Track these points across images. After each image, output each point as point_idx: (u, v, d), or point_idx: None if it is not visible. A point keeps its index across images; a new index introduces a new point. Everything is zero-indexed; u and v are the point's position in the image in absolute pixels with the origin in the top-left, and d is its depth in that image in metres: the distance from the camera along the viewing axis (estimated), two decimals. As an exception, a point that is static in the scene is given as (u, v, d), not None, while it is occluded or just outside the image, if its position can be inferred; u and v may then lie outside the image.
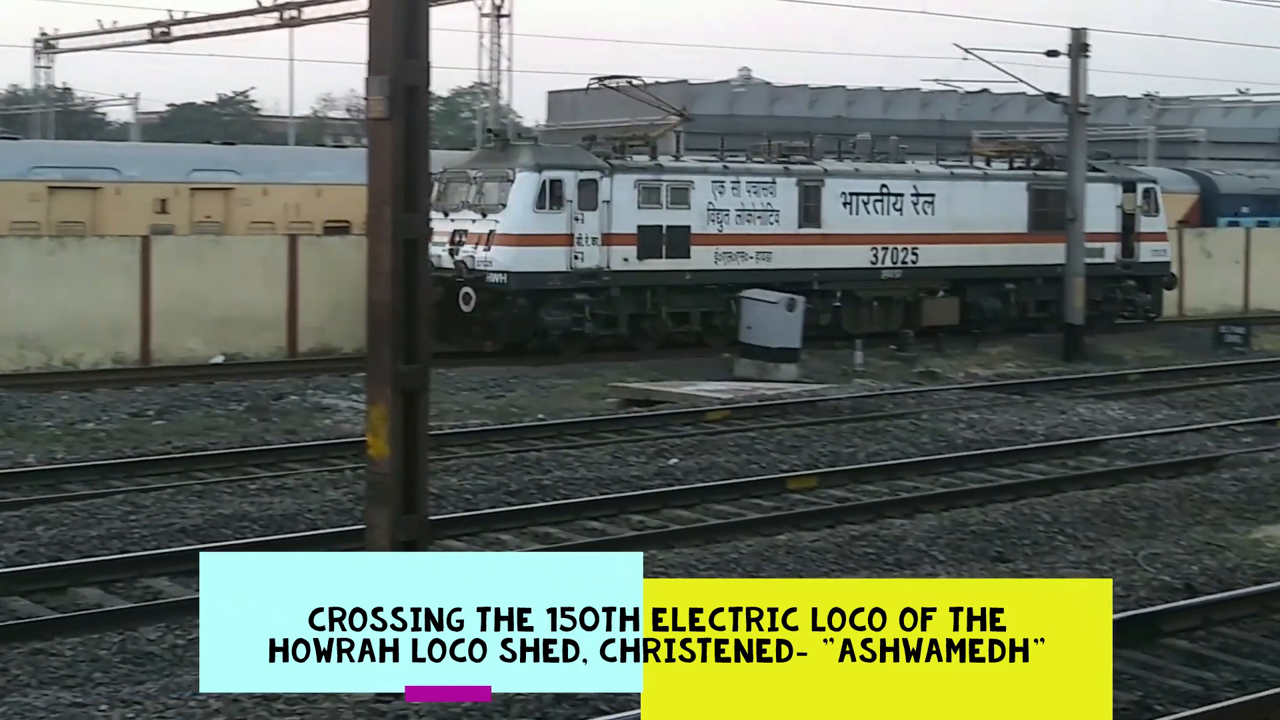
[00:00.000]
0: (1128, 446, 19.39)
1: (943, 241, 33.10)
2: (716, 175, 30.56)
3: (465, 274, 27.84)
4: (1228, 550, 14.44)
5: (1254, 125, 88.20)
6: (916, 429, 20.52)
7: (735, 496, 16.29)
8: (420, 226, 10.04)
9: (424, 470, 10.14)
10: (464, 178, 29.34)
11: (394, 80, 9.84)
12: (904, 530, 14.64)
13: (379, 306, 10.01)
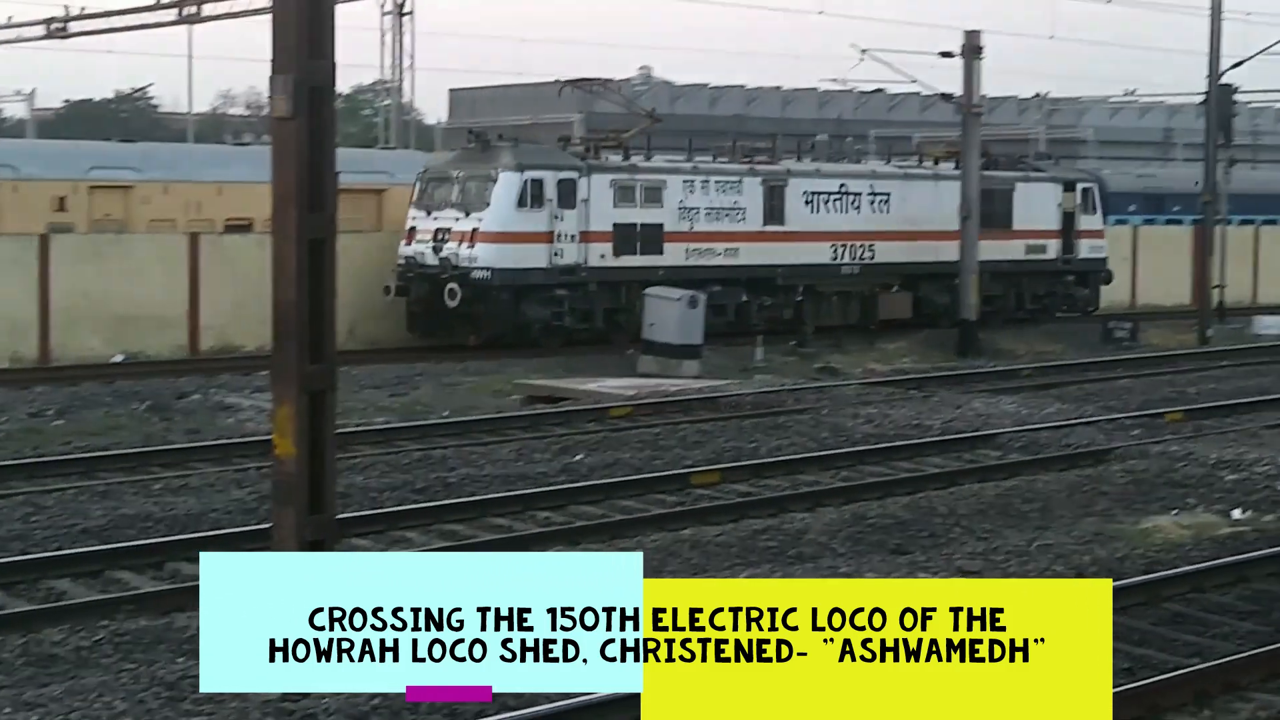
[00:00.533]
0: (1021, 440, 19.61)
1: (897, 239, 34.12)
2: (687, 175, 31.53)
3: (450, 270, 28.62)
4: (1117, 540, 14.65)
5: (1140, 125, 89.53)
6: (817, 424, 20.65)
7: (640, 492, 16.30)
8: (326, 226, 9.98)
9: (331, 470, 10.09)
10: (445, 177, 30.04)
11: (298, 80, 9.78)
12: (805, 524, 14.72)
13: (285, 306, 9.94)
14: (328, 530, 10.03)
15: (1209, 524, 15.57)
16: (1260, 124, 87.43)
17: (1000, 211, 35.84)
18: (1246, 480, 17.18)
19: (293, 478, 9.92)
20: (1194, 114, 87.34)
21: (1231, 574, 12.86)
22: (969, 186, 33.55)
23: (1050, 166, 39.03)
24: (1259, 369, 28.80)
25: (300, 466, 9.91)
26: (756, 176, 32.38)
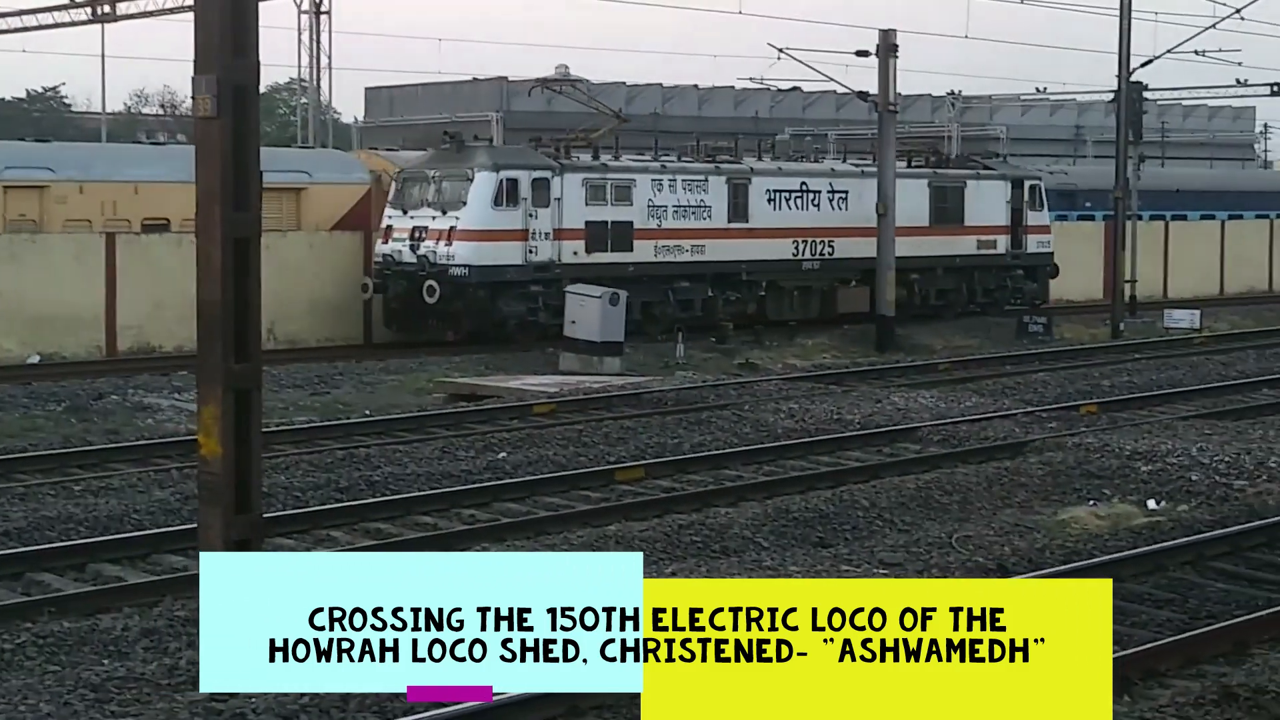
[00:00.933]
0: (940, 433, 19.77)
1: (855, 235, 34.66)
2: (656, 174, 32.21)
3: (428, 268, 29.17)
4: (1036, 531, 14.82)
5: (1051, 122, 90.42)
6: (739, 419, 20.73)
7: (564, 489, 16.31)
8: (251, 225, 9.91)
9: (257, 469, 10.02)
10: (422, 177, 30.56)
11: (222, 79, 9.71)
12: (730, 519, 14.78)
13: (209, 305, 9.87)
14: (254, 530, 9.96)
15: (1125, 514, 15.77)
16: (1168, 121, 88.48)
17: (953, 208, 37.07)
18: (1161, 471, 17.39)
19: (218, 477, 9.85)
20: (1103, 111, 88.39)
21: (1149, 563, 13.03)
22: (885, 183, 33.77)
23: (999, 165, 40.14)
24: (1170, 361, 29.19)
25: (226, 466, 9.84)
26: (721, 175, 33.20)
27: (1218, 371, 27.47)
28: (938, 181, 37.00)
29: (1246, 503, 15.85)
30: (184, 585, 11.86)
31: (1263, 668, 10.17)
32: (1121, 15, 35.47)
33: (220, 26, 9.69)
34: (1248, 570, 13.07)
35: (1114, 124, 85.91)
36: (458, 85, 75.11)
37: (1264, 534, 13.95)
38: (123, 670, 9.95)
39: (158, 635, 10.73)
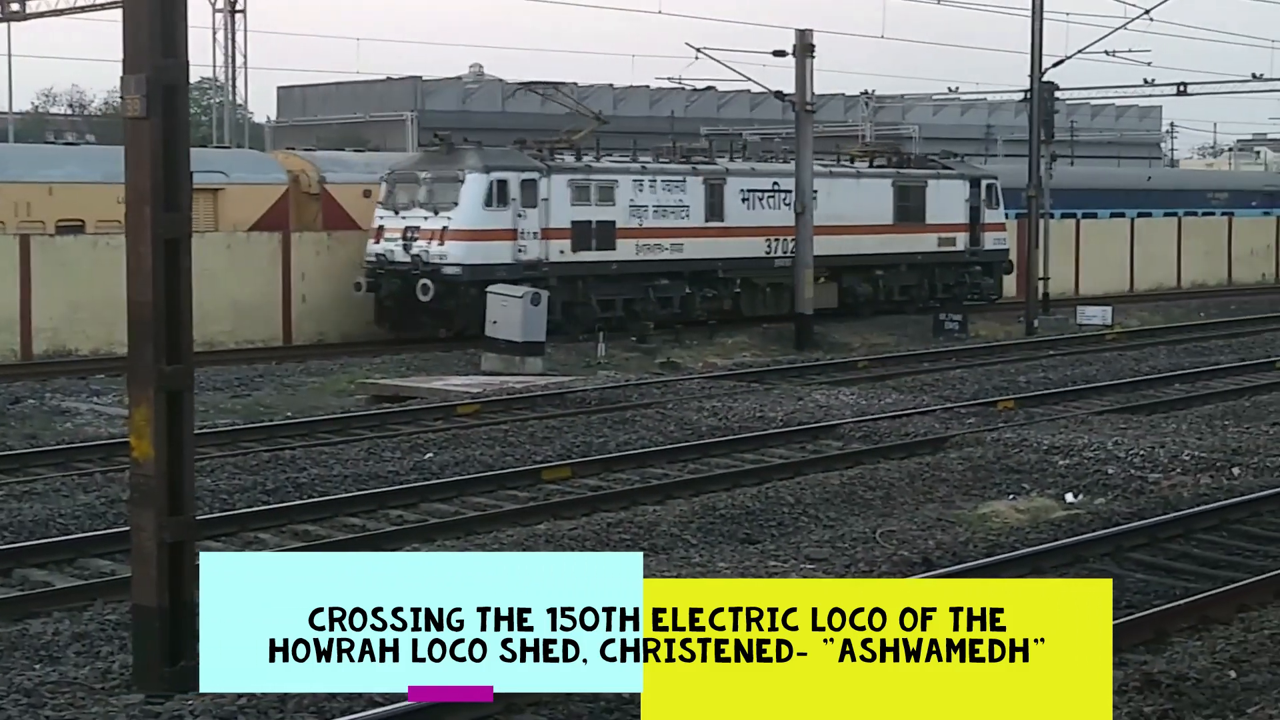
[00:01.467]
0: (861, 430, 19.96)
1: (824, 233, 35.21)
2: (637, 175, 33.21)
3: (421, 267, 29.97)
4: (957, 526, 15.00)
5: (962, 122, 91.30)
6: (663, 418, 20.83)
7: (492, 489, 16.35)
8: (181, 226, 9.87)
9: (190, 471, 9.98)
10: (412, 178, 31.24)
11: (151, 79, 9.66)
12: (658, 516, 14.87)
13: (140, 307, 9.82)
14: (188, 532, 9.92)
15: (1045, 508, 16.00)
16: (1076, 120, 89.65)
17: (915, 206, 38.38)
18: (1078, 465, 17.66)
19: (151, 480, 9.80)
20: (1013, 111, 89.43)
21: (1069, 554, 13.24)
22: (802, 182, 33.93)
23: (958, 164, 41.39)
24: (1084, 358, 29.58)
25: (159, 468, 9.79)
26: (698, 176, 34.13)
27: (1130, 367, 27.87)
28: (901, 181, 38.25)
29: (1161, 495, 16.11)
30: (114, 589, 11.80)
31: (1183, 655, 10.38)
32: (1034, 16, 35.90)
33: (150, 26, 9.64)
34: (1165, 561, 13.31)
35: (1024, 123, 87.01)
36: (371, 85, 74.75)
37: (1180, 525, 14.21)
38: (55, 675, 9.90)
39: (89, 639, 10.67)
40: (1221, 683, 9.72)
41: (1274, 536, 14.09)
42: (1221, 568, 13.04)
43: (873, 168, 38.13)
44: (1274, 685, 9.69)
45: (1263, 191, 58.79)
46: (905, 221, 38.01)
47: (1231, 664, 10.05)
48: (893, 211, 38.06)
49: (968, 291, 39.94)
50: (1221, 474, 16.92)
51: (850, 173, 37.92)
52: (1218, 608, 11.36)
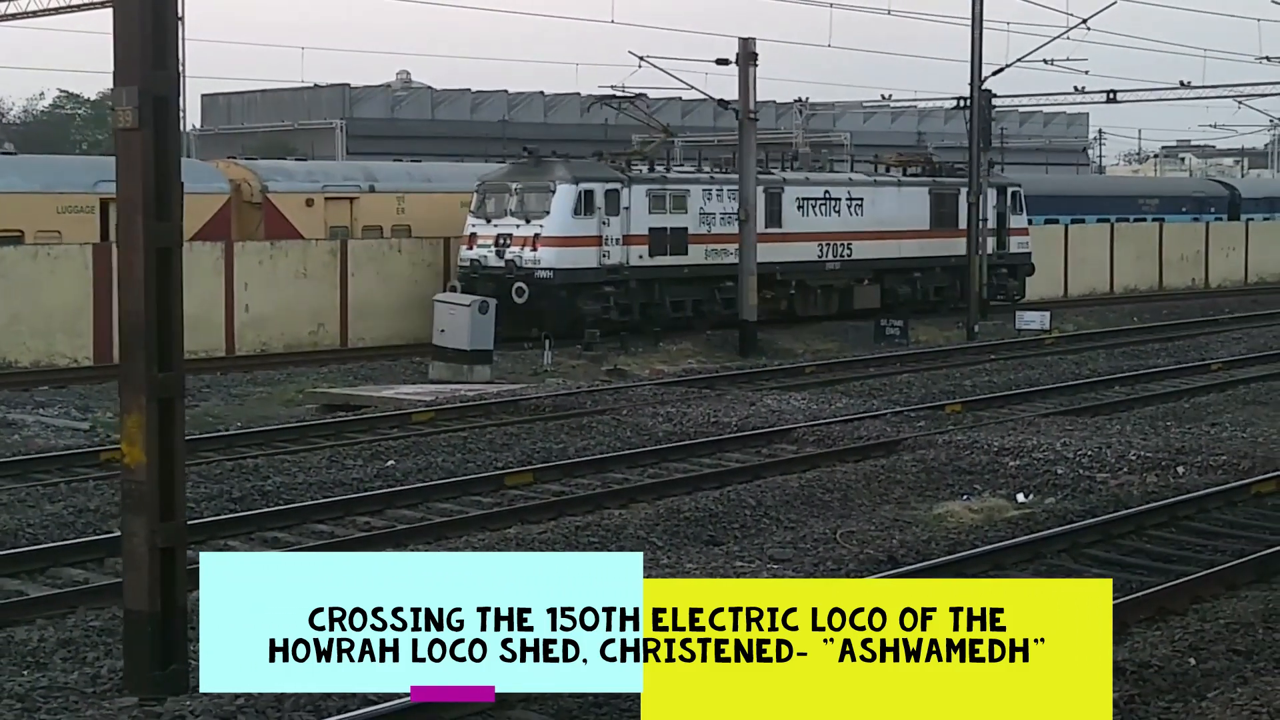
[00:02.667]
0: (815, 434, 20.35)
1: (869, 238, 38.74)
2: (706, 184, 36.10)
3: (515, 271, 32.51)
4: (915, 526, 15.43)
5: (892, 129, 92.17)
6: (619, 424, 21.15)
7: (456, 494, 16.61)
8: (172, 235, 10.11)
9: (181, 476, 10.21)
10: (503, 188, 33.74)
11: (143, 91, 9.90)
12: (623, 519, 15.20)
13: (132, 315, 10.04)
14: (179, 537, 10.14)
15: (997, 507, 16.45)
16: (1005, 127, 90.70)
17: (948, 213, 41.07)
18: (1028, 466, 18.13)
19: (144, 486, 10.00)
20: (943, 118, 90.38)
21: (1028, 551, 13.68)
22: (745, 190, 34.36)
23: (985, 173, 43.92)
24: (1026, 362, 30.13)
25: (151, 474, 10.01)
26: (760, 185, 35.91)
27: (1071, 371, 28.44)
28: (937, 189, 41.27)
29: (1110, 494, 16.60)
30: (93, 596, 12.00)
31: (1143, 644, 10.81)
32: (974, 25, 36.49)
33: (141, 39, 9.87)
34: (1119, 556, 13.77)
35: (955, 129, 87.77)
36: (297, 92, 74.69)
37: (1131, 522, 14.69)
38: (45, 680, 10.10)
39: (74, 645, 10.86)
40: (1182, 669, 10.17)
41: (1221, 532, 14.61)
42: (1173, 562, 13.52)
43: (908, 175, 41.25)
44: (1231, 671, 10.15)
45: (1192, 198, 59.78)
46: (940, 227, 40.79)
47: (1190, 652, 10.51)
48: (929, 217, 40.89)
49: (994, 293, 42.27)
50: (1167, 473, 17.43)
51: (892, 182, 40.81)
52: (1173, 599, 11.81)
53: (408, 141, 68.45)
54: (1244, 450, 18.32)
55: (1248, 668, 10.18)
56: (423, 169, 40.34)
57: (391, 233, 36.61)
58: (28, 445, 20.38)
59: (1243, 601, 11.87)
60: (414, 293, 33.62)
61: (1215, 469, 17.34)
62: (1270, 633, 10.92)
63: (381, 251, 34.18)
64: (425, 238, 35.36)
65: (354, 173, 38.00)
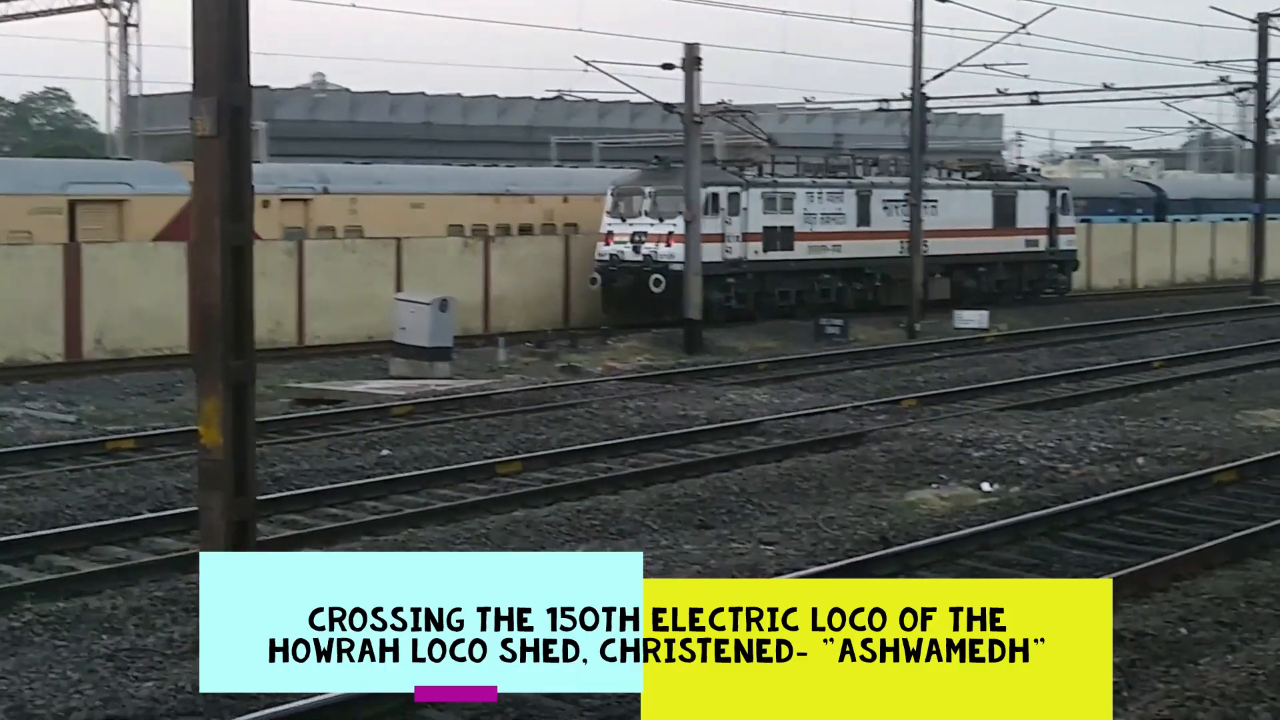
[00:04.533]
0: (782, 426, 21.43)
1: (941, 236, 43.77)
2: (809, 187, 41.21)
3: (652, 265, 37.45)
4: (889, 512, 16.49)
5: (807, 130, 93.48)
6: (593, 416, 22.16)
7: (452, 482, 17.56)
8: (245, 235, 11.03)
9: (252, 456, 11.14)
10: (636, 191, 38.85)
11: (220, 101, 10.81)
12: (619, 504, 16.21)
13: (210, 308, 10.96)
14: (251, 511, 11.08)
15: (966, 495, 17.56)
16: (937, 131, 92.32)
17: (1009, 213, 46.86)
18: (991, 457, 19.26)
19: (220, 464, 10.95)
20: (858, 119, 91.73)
21: (1010, 533, 14.81)
22: (691, 194, 35.36)
23: (1037, 177, 51.18)
24: (972, 359, 31.41)
25: (226, 453, 10.94)
26: (852, 189, 42.15)
27: (1017, 368, 29.73)
28: (999, 191, 46.96)
29: (1074, 483, 17.72)
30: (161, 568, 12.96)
31: (1134, 616, 11.88)
32: (915, 30, 37.76)
33: (218, 53, 10.80)
34: (1096, 539, 14.92)
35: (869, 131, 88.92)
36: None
37: (1104, 508, 15.86)
38: (126, 644, 10.99)
39: (144, 613, 11.75)
40: (1175, 638, 11.30)
41: (1189, 517, 15.81)
42: (1148, 544, 14.67)
43: (974, 179, 47.06)
44: (1220, 640, 11.29)
45: (1119, 199, 61.54)
46: (1001, 226, 46.48)
47: (1180, 623, 11.65)
48: (992, 217, 46.32)
49: (1045, 286, 48.22)
50: (1128, 464, 18.61)
51: (961, 184, 46.38)
52: (1154, 577, 12.95)
53: (327, 143, 69.06)
54: (1199, 442, 19.61)
55: (1234, 637, 11.33)
56: (372, 171, 41.12)
57: (345, 234, 37.37)
58: (25, 436, 21.02)
59: (1220, 580, 13.02)
60: (366, 292, 34.43)
61: (1174, 460, 18.58)
62: (1251, 606, 12.09)
63: (336, 252, 34.95)
64: (379, 238, 36.17)
65: (308, 175, 38.77)
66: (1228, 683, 9.98)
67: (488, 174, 43.78)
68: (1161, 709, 9.65)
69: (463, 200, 40.29)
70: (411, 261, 35.67)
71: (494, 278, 37.46)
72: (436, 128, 75.88)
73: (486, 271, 37.43)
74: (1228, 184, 75.74)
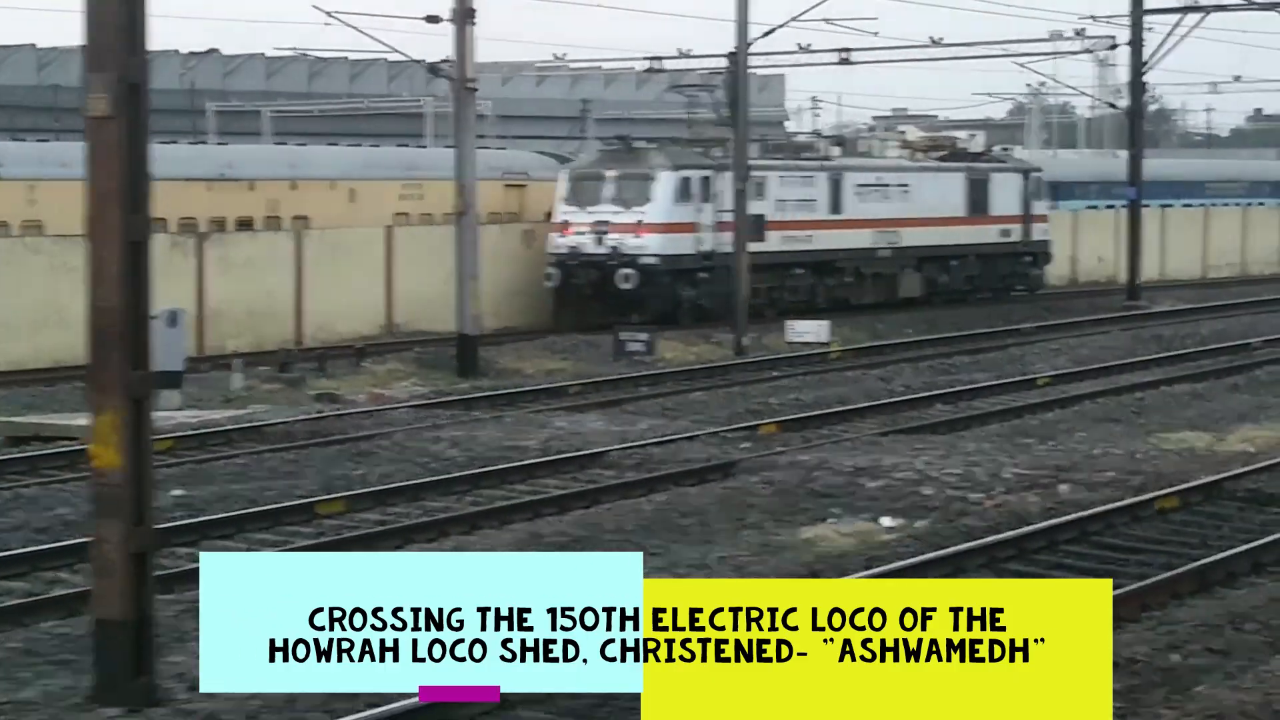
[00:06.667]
0: (632, 457, 23.60)
1: (914, 225, 49.34)
2: (781, 171, 46.37)
3: (619, 258, 42.18)
4: (787, 550, 18.71)
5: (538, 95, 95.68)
6: (403, 450, 24.12)
7: (268, 524, 19.39)
8: (145, 228, 12.79)
9: (150, 479, 12.89)
10: (597, 176, 43.84)
11: (118, 78, 12.55)
12: (488, 544, 18.22)
13: (106, 312, 12.67)
14: (150, 541, 12.81)
15: (868, 530, 19.86)
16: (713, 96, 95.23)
17: (981, 200, 52.07)
18: (889, 487, 21.65)
19: (119, 489, 12.62)
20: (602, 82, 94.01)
21: (949, 564, 17.17)
22: (464, 176, 37.03)
23: (1010, 159, 57.23)
24: (820, 378, 34.01)
25: (125, 477, 12.64)
26: (824, 171, 47.46)
27: (881, 388, 32.39)
28: (972, 175, 51.94)
29: (993, 514, 20.12)
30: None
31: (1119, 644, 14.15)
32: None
33: (115, 23, 12.53)
34: (1042, 570, 17.34)
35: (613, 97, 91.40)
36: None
37: (1044, 537, 18.40)
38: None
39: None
40: (1169, 664, 13.76)
41: (1136, 546, 18.44)
42: (1099, 575, 17.14)
43: (945, 161, 51.85)
44: (1214, 667, 13.78)
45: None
46: (974, 214, 51.71)
47: (1169, 650, 14.11)
48: (965, 204, 51.58)
49: (1016, 281, 53.89)
50: (1049, 491, 21.20)
51: (933, 167, 51.45)
52: (1125, 606, 15.40)
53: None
54: (1128, 467, 22.35)
55: (1229, 664, 13.81)
56: (57, 152, 41.80)
57: (22, 231, 38.36)
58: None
59: (1194, 609, 15.59)
60: (54, 305, 35.27)
61: (1104, 486, 21.25)
62: (1239, 633, 14.64)
63: (17, 253, 36.09)
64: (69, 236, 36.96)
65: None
66: (1245, 701, 12.45)
67: (199, 154, 45.08)
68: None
69: (166, 187, 40.86)
70: (107, 265, 36.67)
71: (210, 285, 38.49)
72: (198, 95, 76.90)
73: (200, 277, 38.53)
74: (1091, 164, 79.19)
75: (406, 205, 46.70)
